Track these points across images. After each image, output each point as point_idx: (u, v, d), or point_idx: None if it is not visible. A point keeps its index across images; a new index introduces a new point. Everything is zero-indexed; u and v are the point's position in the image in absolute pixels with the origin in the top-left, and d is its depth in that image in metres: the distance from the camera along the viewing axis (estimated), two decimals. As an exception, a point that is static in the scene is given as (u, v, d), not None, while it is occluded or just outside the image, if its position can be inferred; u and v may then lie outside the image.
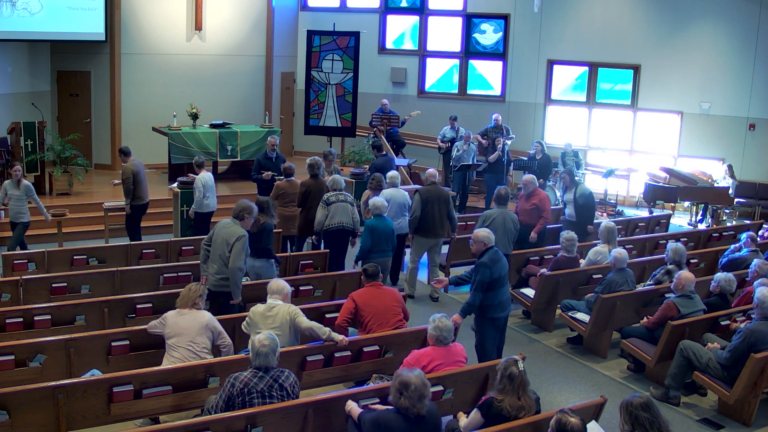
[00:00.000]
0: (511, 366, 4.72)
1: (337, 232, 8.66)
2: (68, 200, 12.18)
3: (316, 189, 9.30)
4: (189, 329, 5.84)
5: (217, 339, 5.97)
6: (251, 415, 4.73)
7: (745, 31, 14.09)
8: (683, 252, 7.85)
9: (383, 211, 8.34)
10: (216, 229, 7.02)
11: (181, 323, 5.88)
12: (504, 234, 8.33)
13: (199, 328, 5.87)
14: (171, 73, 15.14)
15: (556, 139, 15.35)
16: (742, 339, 6.29)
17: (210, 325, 5.93)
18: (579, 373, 7.39)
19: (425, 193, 8.92)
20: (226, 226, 6.94)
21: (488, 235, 6.64)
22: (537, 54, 15.67)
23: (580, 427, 4.11)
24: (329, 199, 8.67)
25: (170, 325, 5.87)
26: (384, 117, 14.49)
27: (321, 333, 5.92)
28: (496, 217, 8.42)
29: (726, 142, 14.48)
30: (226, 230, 6.89)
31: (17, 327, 6.37)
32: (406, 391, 4.32)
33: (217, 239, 6.90)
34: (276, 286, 6.09)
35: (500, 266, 6.56)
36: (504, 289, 6.63)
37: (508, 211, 8.59)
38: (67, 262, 8.41)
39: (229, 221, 6.99)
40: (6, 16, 13.10)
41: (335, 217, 8.62)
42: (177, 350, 5.76)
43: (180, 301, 6.01)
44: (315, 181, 9.43)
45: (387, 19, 16.97)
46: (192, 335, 5.83)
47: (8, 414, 4.82)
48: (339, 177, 9.02)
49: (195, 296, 6.02)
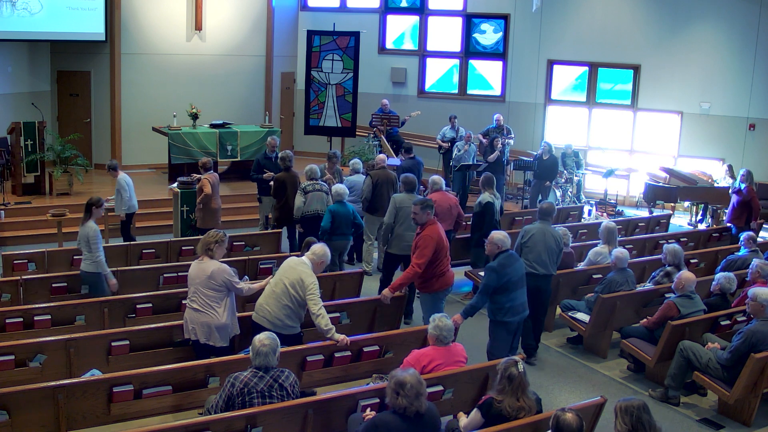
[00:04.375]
0: (510, 367, 4.72)
1: (313, 219, 9.19)
2: (68, 200, 12.16)
3: (290, 181, 9.79)
4: (195, 278, 5.97)
5: (231, 286, 5.99)
6: (251, 415, 4.73)
7: (745, 31, 14.09)
8: (680, 253, 7.84)
9: (344, 197, 8.83)
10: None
11: (192, 271, 6.03)
12: (545, 252, 7.32)
13: (204, 278, 5.92)
14: (171, 73, 15.14)
15: (556, 139, 15.34)
16: (742, 340, 6.28)
17: (215, 276, 5.90)
18: (579, 373, 7.39)
19: (375, 176, 9.69)
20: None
21: (503, 238, 6.57)
22: (537, 54, 15.67)
23: (574, 422, 4.15)
24: (306, 188, 9.29)
25: (189, 271, 6.06)
26: (384, 117, 14.49)
27: (324, 326, 5.87)
28: (535, 233, 7.37)
29: (726, 142, 14.48)
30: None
31: (17, 327, 6.37)
32: (402, 390, 4.32)
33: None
34: (318, 248, 6.15)
35: (512, 270, 6.49)
36: (518, 293, 6.56)
37: (550, 228, 7.51)
38: (67, 262, 8.40)
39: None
40: (6, 16, 13.10)
41: (312, 204, 9.23)
42: (189, 297, 5.98)
43: (197, 247, 6.12)
44: (288, 173, 9.87)
45: (387, 19, 16.97)
46: (197, 284, 5.94)
47: (8, 414, 4.82)
48: (315, 167, 9.58)
49: (210, 241, 6.03)
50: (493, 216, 9.04)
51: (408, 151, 11.54)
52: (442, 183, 8.97)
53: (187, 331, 6.06)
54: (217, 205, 9.97)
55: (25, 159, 12.22)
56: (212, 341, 5.96)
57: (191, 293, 6.03)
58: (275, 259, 8.48)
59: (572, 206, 12.95)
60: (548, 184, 13.16)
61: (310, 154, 16.30)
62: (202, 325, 5.95)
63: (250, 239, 9.59)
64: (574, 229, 10.94)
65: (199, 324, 5.95)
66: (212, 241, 6.04)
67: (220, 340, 6.01)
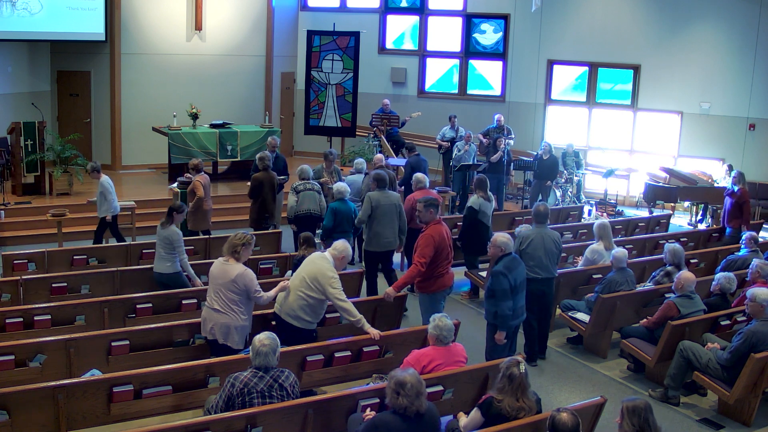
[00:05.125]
0: (512, 367, 4.72)
1: (306, 218, 9.41)
2: (68, 200, 12.17)
3: (267, 181, 9.90)
4: (218, 278, 5.98)
5: (251, 294, 5.98)
6: (251, 415, 4.73)
7: (745, 31, 14.09)
8: (681, 253, 7.85)
9: (345, 195, 8.84)
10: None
11: (215, 269, 6.04)
12: (546, 256, 7.29)
13: (227, 280, 5.92)
14: (171, 73, 15.14)
15: (556, 139, 15.34)
16: (742, 340, 6.28)
17: (238, 281, 5.91)
18: (579, 373, 7.39)
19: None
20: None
21: (507, 242, 6.56)
22: (537, 54, 15.67)
23: (570, 421, 4.18)
24: (298, 188, 9.51)
25: (211, 269, 6.08)
26: (384, 117, 14.48)
27: (353, 318, 5.98)
28: (534, 238, 7.32)
29: (726, 142, 14.48)
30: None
31: (17, 327, 6.37)
32: (403, 389, 4.32)
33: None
34: (339, 243, 6.22)
35: (516, 273, 6.49)
36: (518, 297, 6.56)
37: (548, 230, 7.47)
38: (67, 262, 8.41)
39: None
40: (6, 16, 13.10)
41: (304, 204, 9.45)
42: (209, 297, 6.00)
43: (224, 247, 6.11)
44: (266, 173, 9.96)
45: (387, 19, 16.98)
46: (219, 285, 5.94)
47: (8, 414, 4.82)
48: (307, 167, 9.77)
49: (237, 243, 6.02)
50: (471, 220, 8.92)
51: (411, 150, 11.57)
52: (425, 181, 9.11)
53: (204, 330, 6.08)
54: (208, 207, 9.98)
55: (25, 159, 12.22)
56: (230, 342, 5.97)
57: (212, 293, 6.02)
58: (275, 259, 8.49)
59: (572, 206, 12.94)
60: (548, 184, 13.17)
61: (310, 154, 16.31)
62: (222, 325, 5.95)
63: (250, 239, 9.58)
64: (575, 229, 10.96)
65: (218, 324, 5.96)
66: (239, 243, 6.02)
67: (238, 341, 6.01)
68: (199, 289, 7.29)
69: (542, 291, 7.33)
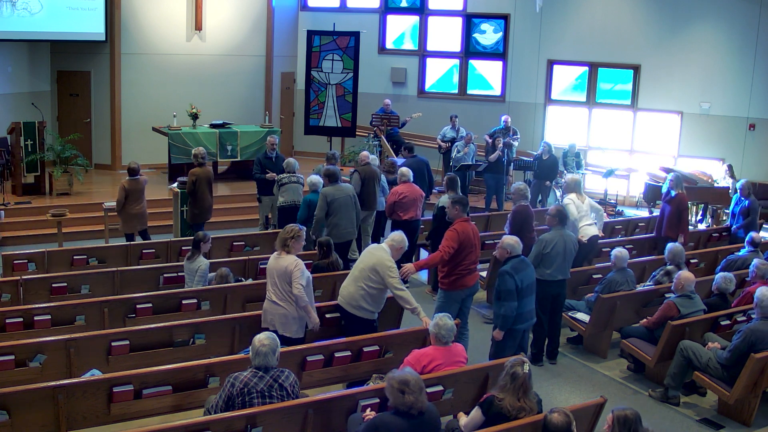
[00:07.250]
0: (516, 366, 4.72)
1: (289, 208, 9.84)
2: (68, 200, 12.17)
3: (203, 176, 9.98)
4: (274, 271, 6.12)
5: (292, 285, 6.05)
6: (251, 415, 4.73)
7: (745, 31, 14.09)
8: (681, 252, 7.86)
9: (318, 187, 9.22)
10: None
11: (271, 263, 6.20)
12: (564, 260, 7.26)
13: (281, 272, 6.07)
14: (171, 73, 15.14)
15: (556, 139, 15.34)
16: (742, 339, 6.29)
17: (288, 270, 6.05)
18: (579, 373, 7.39)
19: (363, 173, 9.98)
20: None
21: (514, 244, 6.54)
22: (537, 54, 15.67)
23: (561, 421, 4.23)
24: (282, 180, 10.04)
25: (268, 264, 6.24)
26: (384, 117, 14.48)
27: (410, 306, 6.25)
28: (557, 242, 7.21)
29: (726, 142, 14.48)
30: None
31: (17, 327, 6.36)
32: (407, 387, 4.34)
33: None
34: (396, 235, 6.47)
35: (524, 276, 6.48)
36: (526, 301, 6.54)
37: (567, 233, 7.42)
38: (67, 262, 8.41)
39: None
40: (6, 16, 13.10)
41: (288, 195, 9.94)
42: (268, 290, 6.17)
43: (276, 242, 6.27)
44: (202, 169, 10.05)
45: (387, 19, 16.97)
46: (277, 278, 6.09)
47: (8, 414, 4.82)
48: (293, 160, 10.31)
49: (287, 237, 6.19)
50: (441, 220, 8.62)
51: (410, 150, 11.58)
52: (410, 175, 9.65)
53: (265, 321, 6.27)
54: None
55: (25, 159, 12.22)
56: (288, 332, 6.14)
57: (270, 286, 6.21)
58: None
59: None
60: (548, 183, 13.16)
61: (310, 154, 16.30)
62: (281, 316, 6.15)
63: (250, 239, 9.60)
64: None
65: (277, 315, 6.16)
66: (288, 236, 6.20)
67: (296, 330, 6.19)
68: (199, 289, 7.30)
69: (558, 293, 7.35)
